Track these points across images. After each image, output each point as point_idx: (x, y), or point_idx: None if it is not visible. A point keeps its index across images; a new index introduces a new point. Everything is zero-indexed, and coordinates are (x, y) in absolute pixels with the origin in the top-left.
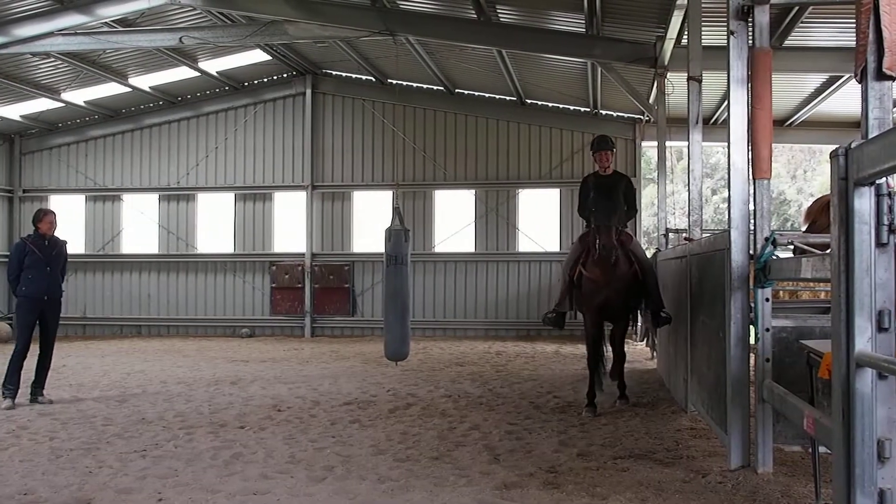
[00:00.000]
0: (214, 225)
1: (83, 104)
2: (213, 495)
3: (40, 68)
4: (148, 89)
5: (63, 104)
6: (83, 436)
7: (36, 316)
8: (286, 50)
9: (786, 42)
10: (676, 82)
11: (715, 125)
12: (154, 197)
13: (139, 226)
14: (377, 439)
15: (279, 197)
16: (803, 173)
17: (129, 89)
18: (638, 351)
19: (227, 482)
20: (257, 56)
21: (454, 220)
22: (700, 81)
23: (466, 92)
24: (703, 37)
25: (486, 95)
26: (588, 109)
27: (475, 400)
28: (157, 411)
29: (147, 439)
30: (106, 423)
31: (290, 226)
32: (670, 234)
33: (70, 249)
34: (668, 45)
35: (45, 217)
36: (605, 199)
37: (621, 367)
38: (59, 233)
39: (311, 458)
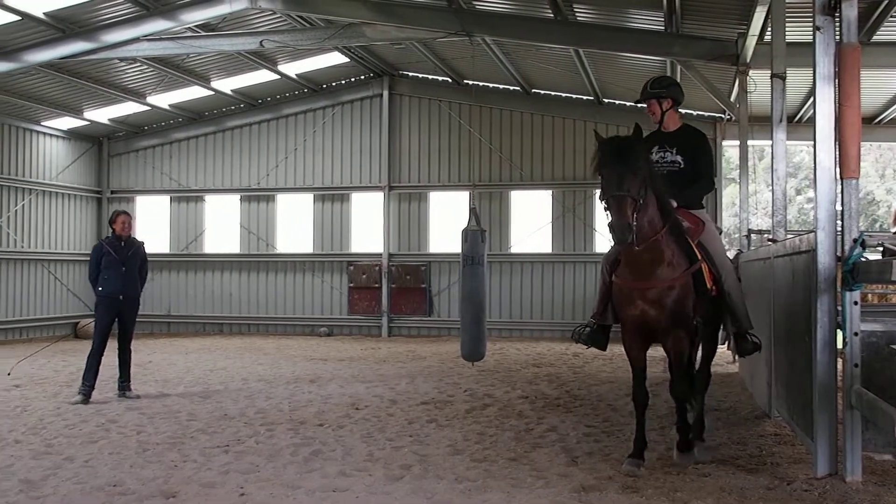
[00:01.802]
0: (294, 225)
1: (168, 107)
2: (293, 491)
3: (127, 73)
4: (229, 92)
5: (149, 107)
6: (169, 430)
7: (113, 315)
8: (364, 52)
9: (874, 37)
10: (759, 80)
11: (799, 123)
12: (235, 198)
13: (221, 226)
14: (454, 439)
15: (357, 197)
16: (892, 172)
17: (212, 92)
18: (718, 355)
19: (307, 479)
20: (335, 58)
21: (531, 220)
22: (784, 79)
23: (543, 92)
24: (787, 33)
25: (563, 95)
26: None
27: (552, 401)
28: (238, 408)
29: (229, 435)
30: (190, 419)
31: (368, 226)
32: (753, 235)
33: (155, 249)
34: (751, 42)
35: (118, 218)
36: (666, 164)
37: (692, 397)
38: (143, 233)
39: (388, 456)
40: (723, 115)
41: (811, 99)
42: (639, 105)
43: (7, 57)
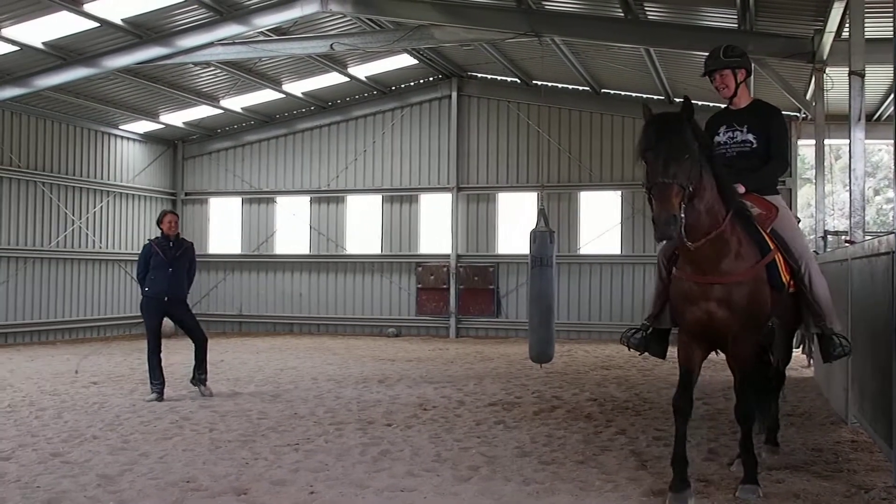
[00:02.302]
0: (363, 226)
1: (240, 110)
2: (362, 490)
3: (201, 77)
4: (300, 95)
5: (222, 111)
6: (240, 428)
7: (159, 317)
8: (432, 54)
9: None
10: (836, 77)
11: (878, 122)
12: (306, 199)
13: (292, 227)
14: (522, 441)
15: (425, 199)
16: None
17: (283, 95)
18: (793, 359)
19: (375, 478)
20: (404, 60)
21: (600, 221)
22: (863, 76)
23: (613, 92)
24: (865, 29)
25: (634, 95)
26: None
27: (621, 404)
28: (308, 407)
29: (299, 434)
30: (261, 417)
31: (436, 227)
32: (829, 236)
33: (227, 250)
34: (828, 39)
35: (164, 218)
36: (735, 145)
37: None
38: (216, 234)
39: (456, 457)
40: (798, 114)
41: (891, 96)
42: (708, 77)
43: (87, 62)
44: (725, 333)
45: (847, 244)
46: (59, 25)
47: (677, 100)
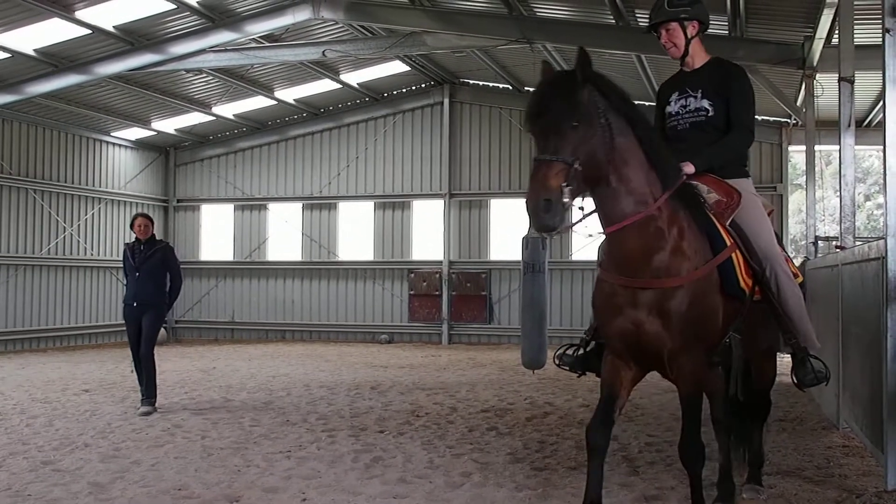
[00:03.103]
0: (355, 233)
1: (232, 117)
2: (354, 497)
3: (193, 84)
4: (292, 102)
5: (214, 118)
6: (232, 435)
7: (133, 324)
8: (424, 60)
9: None
10: (826, 84)
11: (868, 128)
12: (298, 206)
13: (284, 234)
14: (514, 447)
15: (417, 205)
16: None
17: (275, 102)
18: (784, 364)
19: (368, 485)
20: (396, 67)
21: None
22: (852, 83)
23: None
24: (855, 36)
25: None
26: None
27: None
28: (300, 414)
29: (291, 441)
30: (253, 424)
31: (428, 234)
32: (820, 242)
33: (219, 256)
34: (817, 46)
35: (134, 221)
36: (688, 115)
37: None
38: (208, 241)
39: (448, 463)
40: (789, 120)
41: (880, 102)
42: (652, 32)
43: (78, 69)
44: (658, 351)
45: (837, 250)
46: (50, 32)
47: None
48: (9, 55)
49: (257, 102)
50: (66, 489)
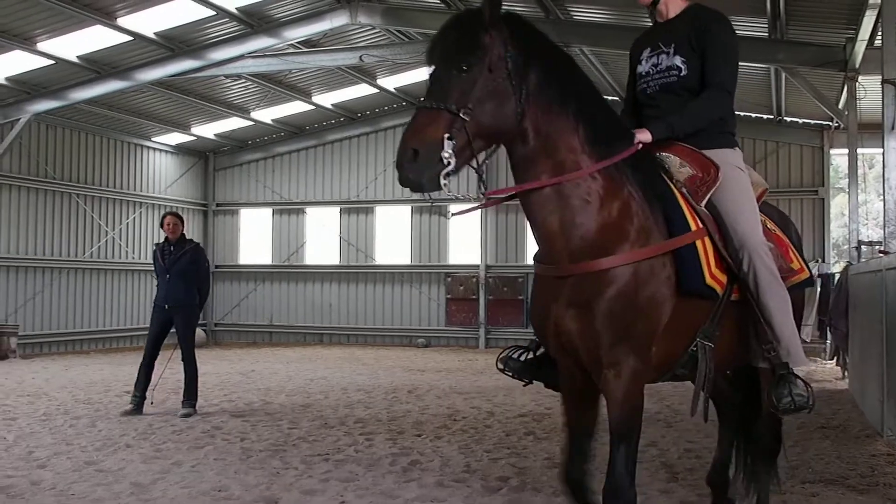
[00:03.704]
0: (392, 237)
1: (270, 122)
2: (392, 500)
3: (232, 89)
4: (330, 106)
5: (252, 122)
6: (271, 438)
7: (159, 325)
8: None
9: None
10: (869, 86)
11: None
12: (335, 210)
13: (321, 238)
14: (552, 452)
15: (454, 209)
16: None
17: (313, 107)
18: (826, 371)
19: (405, 488)
20: None
21: None
22: None
23: None
24: None
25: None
26: (771, 116)
27: (652, 416)
28: (338, 417)
29: (329, 444)
30: (291, 427)
31: (465, 238)
32: (863, 246)
33: (257, 260)
34: (860, 47)
35: (164, 219)
36: (658, 75)
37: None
38: (247, 245)
39: (486, 468)
40: (830, 123)
41: None
42: None
43: (120, 75)
44: (584, 359)
45: (881, 254)
46: (93, 39)
47: None
48: (53, 62)
49: (295, 107)
50: (108, 489)
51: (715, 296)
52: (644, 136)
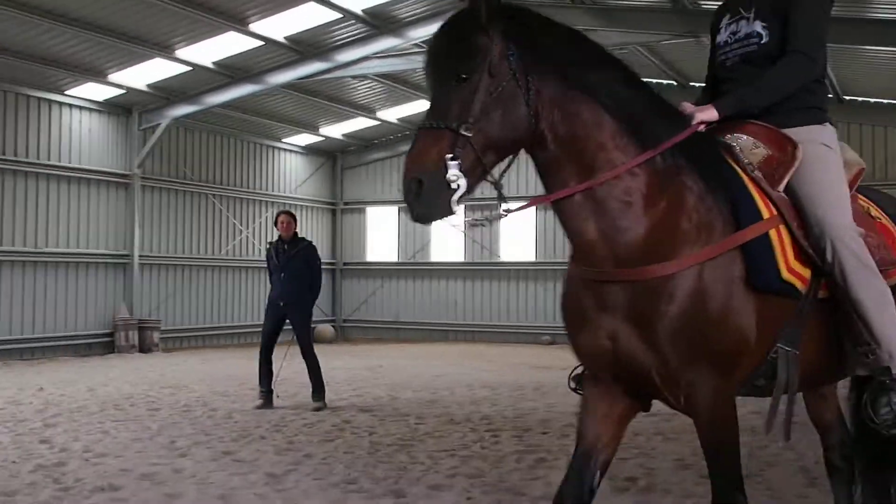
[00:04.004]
0: (517, 233)
1: (396, 121)
2: (518, 497)
3: (358, 90)
4: None
5: (378, 122)
6: (398, 432)
7: (272, 322)
8: None
9: None
10: None
11: None
12: (460, 207)
13: (446, 235)
14: (681, 453)
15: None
16: None
17: None
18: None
19: (532, 486)
20: None
21: None
22: None
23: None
24: None
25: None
26: None
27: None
28: (464, 413)
29: (455, 439)
30: (418, 422)
31: None
32: None
33: (384, 258)
34: None
35: (278, 218)
36: (737, 44)
37: None
38: (373, 243)
39: (614, 468)
40: None
41: None
42: None
43: (252, 79)
44: (646, 376)
45: None
46: (227, 45)
47: (847, 97)
48: (190, 68)
49: (420, 106)
50: (244, 479)
51: (796, 293)
52: (708, 113)
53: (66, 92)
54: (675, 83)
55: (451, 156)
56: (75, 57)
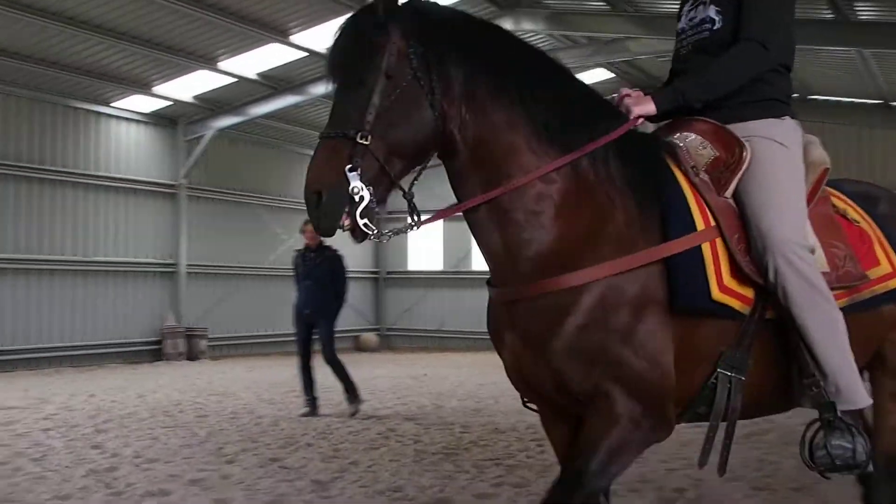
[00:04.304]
0: None
1: None
2: None
3: None
4: None
5: None
6: (443, 441)
7: (302, 331)
8: (628, 67)
9: None
10: None
11: None
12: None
13: None
14: (731, 464)
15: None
16: None
17: None
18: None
19: None
20: (600, 74)
21: None
22: None
23: (821, 98)
24: None
25: (845, 100)
26: None
27: None
28: (509, 422)
29: (501, 448)
30: (463, 431)
31: None
32: None
33: (429, 266)
34: None
35: (304, 227)
36: (692, 30)
37: None
38: (418, 252)
39: (661, 478)
40: None
41: None
42: None
43: (295, 90)
44: (554, 399)
45: None
46: (270, 57)
47: (894, 103)
48: (234, 80)
49: None
50: (291, 485)
51: (735, 314)
52: (645, 107)
53: (114, 104)
54: None
55: (349, 166)
56: (122, 70)
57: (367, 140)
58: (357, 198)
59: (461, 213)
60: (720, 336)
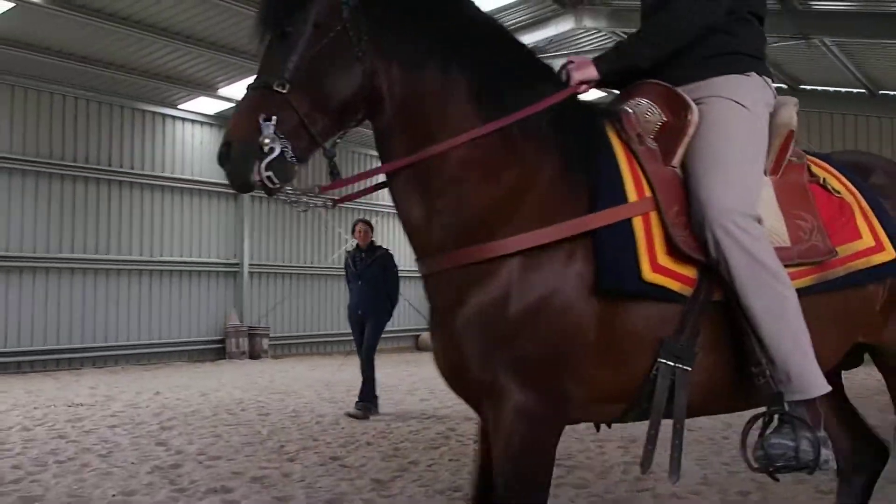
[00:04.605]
0: None
1: None
2: None
3: None
4: None
5: None
6: None
7: (359, 331)
8: None
9: None
10: None
11: None
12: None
13: None
14: None
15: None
16: None
17: None
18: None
19: (638, 498)
20: None
21: None
22: None
23: (892, 93)
24: None
25: None
26: None
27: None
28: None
29: (561, 449)
30: None
31: None
32: None
33: None
34: None
35: (355, 227)
36: None
37: None
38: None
39: (724, 481)
40: None
41: None
42: None
43: None
44: (458, 387)
45: None
46: None
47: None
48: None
49: None
50: (351, 484)
51: (674, 297)
52: (586, 72)
53: (179, 106)
54: (785, 85)
55: (263, 116)
56: (188, 72)
57: (284, 88)
58: (266, 149)
59: None
60: (660, 322)
